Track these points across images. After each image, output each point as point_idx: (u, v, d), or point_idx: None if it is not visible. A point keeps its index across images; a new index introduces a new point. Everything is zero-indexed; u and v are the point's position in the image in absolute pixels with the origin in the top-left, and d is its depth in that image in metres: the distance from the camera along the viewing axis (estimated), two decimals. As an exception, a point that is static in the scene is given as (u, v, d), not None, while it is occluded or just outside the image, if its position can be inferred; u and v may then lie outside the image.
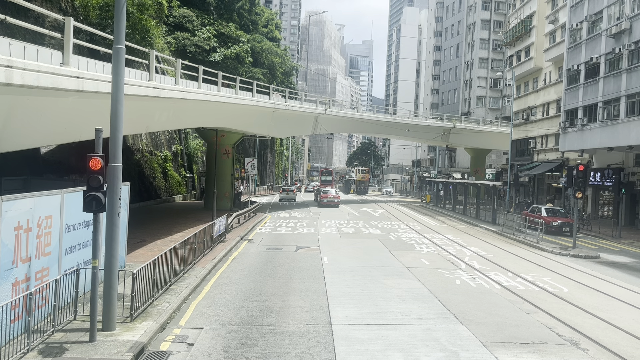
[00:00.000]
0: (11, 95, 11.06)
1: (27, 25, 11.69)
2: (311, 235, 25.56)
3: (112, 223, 9.80)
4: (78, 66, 12.81)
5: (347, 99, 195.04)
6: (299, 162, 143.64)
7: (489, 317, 11.75)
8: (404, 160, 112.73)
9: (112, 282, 9.79)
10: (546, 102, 45.66)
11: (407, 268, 17.44)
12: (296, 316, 11.42)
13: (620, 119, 30.39)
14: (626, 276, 17.99)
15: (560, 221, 29.49)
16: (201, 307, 12.01)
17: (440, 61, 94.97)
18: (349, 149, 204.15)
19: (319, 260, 18.58)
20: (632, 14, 30.04)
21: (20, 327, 8.67)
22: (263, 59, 66.17)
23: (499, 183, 41.10)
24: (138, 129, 23.80)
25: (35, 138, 13.87)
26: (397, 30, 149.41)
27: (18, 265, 9.08)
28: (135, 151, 35.04)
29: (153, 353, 9.10)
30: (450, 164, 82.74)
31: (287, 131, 49.71)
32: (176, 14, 49.37)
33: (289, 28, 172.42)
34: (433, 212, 44.83)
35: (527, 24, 49.45)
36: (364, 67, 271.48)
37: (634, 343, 10.45)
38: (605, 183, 36.11)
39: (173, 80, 21.05)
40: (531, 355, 9.40)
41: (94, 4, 26.82)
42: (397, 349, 9.51)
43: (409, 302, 12.83)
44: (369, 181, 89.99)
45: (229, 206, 35.76)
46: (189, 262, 15.76)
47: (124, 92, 10.08)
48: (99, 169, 9.02)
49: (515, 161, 47.64)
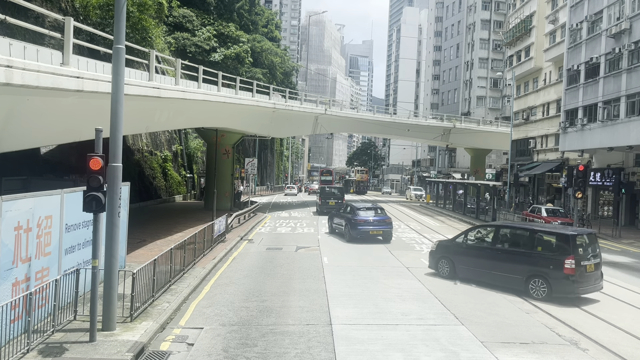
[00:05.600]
0: (11, 95, 11.05)
1: (27, 25, 11.69)
2: (311, 235, 25.55)
3: (112, 223, 9.80)
4: (78, 66, 12.81)
5: (347, 99, 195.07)
6: (299, 162, 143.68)
7: (489, 317, 11.75)
8: (404, 160, 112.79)
9: (112, 282, 9.79)
10: (546, 102, 45.67)
11: (407, 268, 17.43)
12: (296, 316, 11.41)
13: (620, 119, 30.39)
14: (626, 276, 17.98)
15: (560, 221, 29.49)
16: (201, 307, 12.00)
17: (440, 61, 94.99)
18: (349, 149, 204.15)
19: (319, 260, 18.58)
20: (632, 14, 30.04)
21: (20, 327, 8.67)
22: (263, 59, 66.19)
23: (499, 183, 41.12)
24: (138, 129, 23.81)
25: (35, 138, 13.87)
26: (397, 30, 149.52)
27: (18, 265, 9.08)
28: (135, 151, 35.04)
29: (153, 353, 9.10)
30: (450, 164, 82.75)
31: (287, 131, 49.74)
32: (176, 14, 49.38)
33: (289, 28, 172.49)
34: (433, 212, 44.82)
35: (527, 24, 49.46)
36: (364, 67, 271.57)
37: (634, 343, 10.45)
38: (605, 183, 36.12)
39: (173, 80, 21.05)
40: (531, 355, 9.40)
41: (94, 4, 26.82)
42: (397, 349, 9.51)
43: (409, 302, 12.83)
44: (368, 181, 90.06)
45: (229, 206, 35.76)
46: (189, 262, 15.76)
47: (124, 92, 10.08)
48: (99, 169, 9.02)
49: (515, 161, 47.66)
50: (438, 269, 15.90)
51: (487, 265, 14.38)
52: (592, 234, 14.08)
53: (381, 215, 24.25)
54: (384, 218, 24.23)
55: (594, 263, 13.32)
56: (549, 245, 13.50)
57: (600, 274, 13.64)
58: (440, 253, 15.95)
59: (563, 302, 13.08)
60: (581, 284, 12.86)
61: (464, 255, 15.19)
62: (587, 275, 13.00)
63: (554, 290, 13.01)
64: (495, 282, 14.11)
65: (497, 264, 14.15)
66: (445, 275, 15.56)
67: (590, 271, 13.16)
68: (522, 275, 13.61)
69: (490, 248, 14.57)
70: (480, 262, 14.65)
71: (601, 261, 13.81)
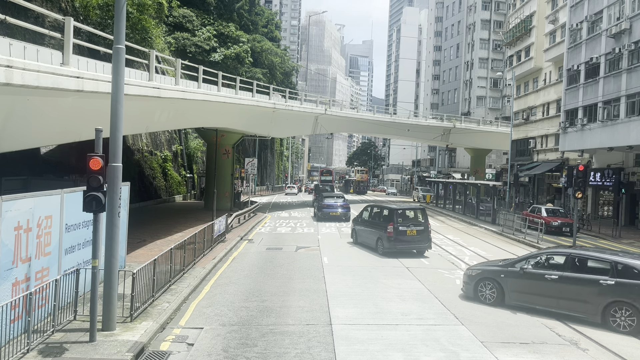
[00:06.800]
0: (11, 95, 11.05)
1: (27, 25, 11.69)
2: (311, 235, 25.55)
3: (112, 223, 9.79)
4: (78, 66, 12.80)
5: (347, 99, 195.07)
6: (299, 162, 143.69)
7: (489, 317, 11.75)
8: (404, 160, 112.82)
9: (112, 282, 9.79)
10: (546, 102, 45.67)
11: (407, 268, 17.43)
12: (296, 316, 11.41)
13: (620, 119, 30.39)
14: (626, 276, 17.95)
15: (560, 221, 29.48)
16: (201, 307, 12.00)
17: (440, 61, 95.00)
18: (349, 149, 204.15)
19: (319, 260, 18.58)
20: (632, 14, 30.03)
21: (20, 327, 8.67)
22: (263, 59, 66.19)
23: (499, 183, 41.05)
24: (138, 129, 23.80)
25: (35, 138, 13.87)
26: (397, 30, 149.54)
27: (18, 265, 9.08)
28: (135, 151, 35.04)
29: (153, 353, 9.09)
30: (450, 164, 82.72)
31: (287, 131, 49.73)
32: (176, 14, 49.38)
33: (289, 28, 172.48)
34: (433, 212, 44.79)
35: (527, 24, 49.46)
36: (364, 67, 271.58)
37: (634, 343, 10.45)
38: (605, 183, 36.11)
39: (173, 80, 21.05)
40: (531, 355, 9.40)
41: (94, 4, 26.81)
42: (397, 349, 9.51)
43: (409, 302, 12.83)
44: (368, 181, 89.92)
45: (229, 206, 35.76)
46: (189, 262, 15.76)
47: (124, 92, 10.08)
48: (99, 169, 9.01)
49: (515, 161, 47.64)
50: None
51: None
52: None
53: (342, 202, 34.14)
54: (344, 204, 33.91)
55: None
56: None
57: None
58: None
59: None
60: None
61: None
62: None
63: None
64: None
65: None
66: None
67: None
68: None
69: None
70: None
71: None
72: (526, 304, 12.48)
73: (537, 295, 12.32)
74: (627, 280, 11.06)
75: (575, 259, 12.22)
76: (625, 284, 11.05)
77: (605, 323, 11.19)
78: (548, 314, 12.03)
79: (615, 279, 11.19)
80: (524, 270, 12.69)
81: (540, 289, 12.26)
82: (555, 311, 12.00)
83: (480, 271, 13.54)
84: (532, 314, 12.15)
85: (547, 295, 12.12)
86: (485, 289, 13.15)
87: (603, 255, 12.06)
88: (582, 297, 11.56)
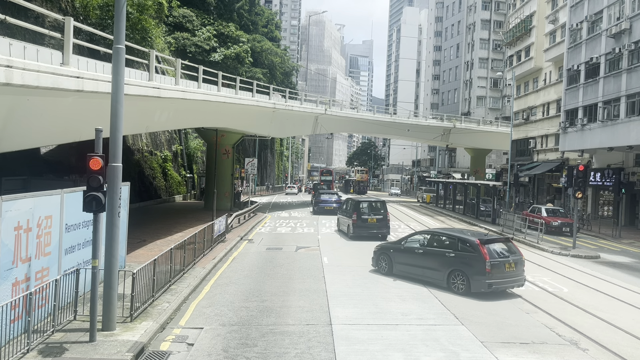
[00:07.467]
0: (11, 95, 11.05)
1: (27, 25, 11.68)
2: (311, 235, 25.55)
3: (112, 223, 9.79)
4: (78, 66, 12.80)
5: (347, 99, 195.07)
6: (299, 162, 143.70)
7: (488, 317, 11.75)
8: (404, 160, 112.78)
9: (112, 282, 9.79)
10: (546, 102, 45.67)
11: (407, 268, 17.43)
12: (296, 316, 11.41)
13: (620, 119, 30.39)
14: (626, 276, 17.98)
15: (560, 221, 29.48)
16: (201, 307, 12.00)
17: (440, 61, 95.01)
18: (349, 149, 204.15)
19: (319, 260, 18.58)
20: (632, 14, 30.04)
21: (20, 327, 8.67)
22: (263, 59, 66.19)
23: (499, 183, 41.04)
24: (138, 129, 23.80)
25: (35, 138, 13.86)
26: (397, 30, 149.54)
27: (18, 265, 9.08)
28: (135, 151, 35.04)
29: (153, 353, 9.09)
30: (450, 164, 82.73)
31: (287, 131, 49.71)
32: (176, 14, 49.38)
33: (289, 28, 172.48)
34: (433, 212, 44.82)
35: (527, 24, 49.46)
36: (364, 67, 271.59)
37: (634, 343, 10.45)
38: (605, 183, 36.12)
39: (173, 80, 21.04)
40: (531, 355, 9.40)
41: (94, 4, 26.80)
42: (397, 349, 9.51)
43: (409, 302, 12.83)
44: (368, 181, 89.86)
45: (229, 206, 35.76)
46: (189, 262, 15.76)
47: (124, 92, 10.07)
48: (99, 169, 9.01)
49: (515, 161, 47.65)
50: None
51: None
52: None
53: (336, 198, 38.18)
54: (337, 199, 37.59)
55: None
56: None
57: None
58: None
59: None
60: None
61: None
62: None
63: None
64: None
65: None
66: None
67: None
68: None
69: None
70: None
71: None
72: (405, 274, 15.32)
73: (411, 266, 15.22)
74: (462, 252, 13.87)
75: (435, 236, 15.14)
76: (460, 255, 13.89)
77: (449, 287, 13.90)
78: (419, 281, 14.81)
79: (456, 252, 14.02)
80: (403, 246, 15.69)
81: (413, 260, 15.18)
82: (422, 279, 14.76)
83: (380, 247, 16.63)
84: (408, 281, 14.98)
85: (417, 265, 15.04)
86: (382, 261, 16.12)
87: (451, 233, 15.04)
88: (436, 267, 14.41)
